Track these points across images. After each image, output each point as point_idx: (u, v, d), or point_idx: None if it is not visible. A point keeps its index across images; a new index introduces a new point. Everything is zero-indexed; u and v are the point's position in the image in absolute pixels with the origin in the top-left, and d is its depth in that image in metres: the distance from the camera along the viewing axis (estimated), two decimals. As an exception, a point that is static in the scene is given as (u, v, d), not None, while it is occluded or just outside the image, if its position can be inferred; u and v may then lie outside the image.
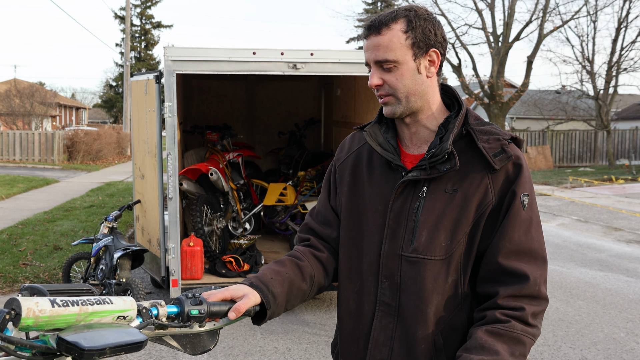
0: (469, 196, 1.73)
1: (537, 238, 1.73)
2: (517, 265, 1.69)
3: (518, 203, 1.71)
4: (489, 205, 1.73)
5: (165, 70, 5.81)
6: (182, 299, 1.70)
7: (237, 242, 7.48)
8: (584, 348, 5.63)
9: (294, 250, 1.99)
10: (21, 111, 32.75)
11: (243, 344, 5.57)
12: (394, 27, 1.73)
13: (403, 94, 1.77)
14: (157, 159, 6.32)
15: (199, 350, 1.80)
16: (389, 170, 1.86)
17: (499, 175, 1.73)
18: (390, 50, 1.73)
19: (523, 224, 1.71)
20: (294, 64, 5.93)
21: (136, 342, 1.43)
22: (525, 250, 1.71)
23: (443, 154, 1.72)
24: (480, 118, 1.84)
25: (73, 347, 1.35)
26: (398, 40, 1.73)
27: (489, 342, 1.61)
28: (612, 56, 25.84)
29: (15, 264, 8.21)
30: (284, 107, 10.13)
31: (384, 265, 1.80)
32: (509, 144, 1.75)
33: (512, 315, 1.65)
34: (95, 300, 1.51)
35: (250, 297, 1.72)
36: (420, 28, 1.74)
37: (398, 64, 1.74)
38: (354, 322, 1.90)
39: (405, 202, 1.79)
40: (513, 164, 1.74)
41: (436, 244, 1.74)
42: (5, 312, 1.35)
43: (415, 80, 1.76)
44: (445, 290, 1.75)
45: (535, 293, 1.68)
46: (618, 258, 9.36)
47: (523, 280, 1.68)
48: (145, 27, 54.69)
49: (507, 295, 1.67)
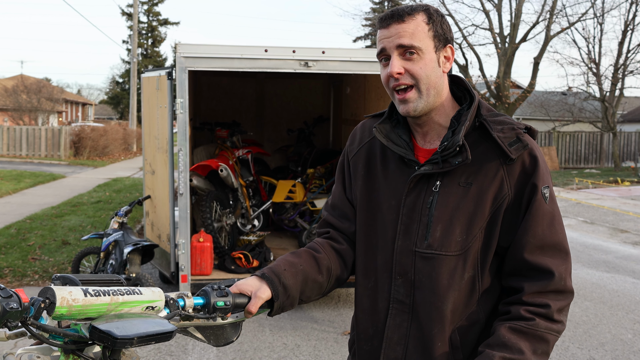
0: (484, 189, 1.70)
1: (560, 231, 1.71)
2: (542, 260, 1.67)
3: (540, 197, 1.68)
4: (505, 198, 1.69)
5: (177, 67, 5.83)
6: (208, 291, 1.72)
7: (246, 238, 7.50)
8: (592, 348, 5.64)
9: (312, 242, 1.95)
10: (28, 107, 32.89)
11: (252, 340, 5.60)
12: (417, 17, 1.71)
13: (425, 85, 1.71)
14: (168, 154, 6.35)
15: (222, 342, 1.82)
16: (403, 164, 1.82)
17: (514, 167, 1.69)
18: (416, 38, 1.69)
19: (546, 217, 1.69)
20: (305, 61, 5.94)
21: (166, 331, 1.45)
22: (549, 244, 1.68)
23: (455, 147, 1.69)
24: (492, 109, 1.80)
25: (106, 336, 1.37)
26: (422, 29, 1.70)
27: (512, 340, 1.60)
28: (618, 58, 25.78)
29: (24, 259, 8.25)
30: (293, 104, 10.15)
31: (398, 262, 1.78)
32: (524, 133, 1.72)
33: (537, 313, 1.64)
34: (126, 291, 1.53)
35: (260, 296, 1.71)
36: (439, 22, 1.74)
37: (422, 52, 1.70)
38: (368, 319, 1.86)
39: (419, 197, 1.76)
40: (529, 155, 1.70)
41: (451, 239, 1.71)
42: (40, 300, 1.37)
43: (436, 72, 1.73)
44: (461, 287, 1.71)
45: (561, 288, 1.67)
46: (624, 260, 9.36)
47: (549, 276, 1.66)
48: (152, 24, 54.77)
49: (533, 292, 1.66)
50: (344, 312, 6.54)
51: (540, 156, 1.71)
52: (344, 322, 6.19)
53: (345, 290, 7.26)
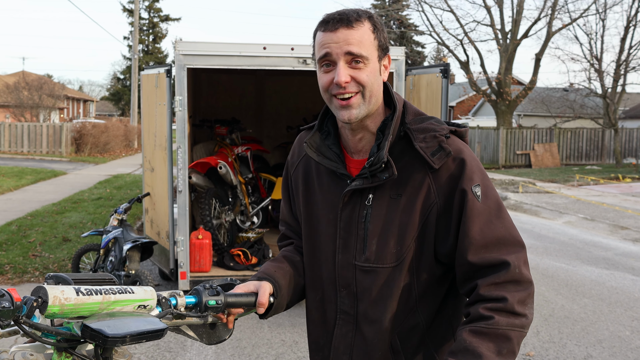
0: (413, 199, 1.71)
1: (502, 225, 1.67)
2: (489, 256, 1.64)
3: (471, 198, 1.66)
4: (433, 205, 1.69)
5: (176, 64, 5.85)
6: (200, 290, 1.74)
7: (245, 235, 7.52)
8: (589, 345, 5.66)
9: (283, 251, 2.02)
10: (29, 103, 32.92)
11: (251, 337, 5.63)
12: (365, 25, 1.69)
13: (369, 92, 1.70)
14: (167, 152, 6.37)
15: (215, 340, 1.84)
16: (336, 178, 1.83)
17: (440, 174, 1.69)
18: (364, 46, 1.68)
19: (481, 216, 1.66)
20: (304, 59, 5.95)
21: (157, 330, 1.47)
22: (492, 241, 1.65)
23: (380, 163, 1.70)
24: (420, 113, 1.79)
25: (97, 335, 1.40)
26: (369, 37, 1.69)
27: (474, 344, 1.56)
28: (620, 55, 25.76)
29: (25, 255, 8.28)
30: (293, 101, 10.15)
31: (340, 275, 1.81)
32: (447, 138, 1.70)
33: (496, 308, 1.59)
34: (118, 290, 1.55)
35: (265, 288, 1.77)
36: (382, 32, 1.74)
37: (368, 61, 1.69)
38: (318, 330, 1.92)
39: (354, 211, 1.78)
40: (454, 160, 1.69)
41: (387, 251, 1.73)
42: (32, 299, 1.40)
43: (378, 81, 1.73)
44: (398, 295, 1.75)
45: (517, 277, 1.62)
46: (624, 256, 9.37)
47: (500, 267, 1.62)
48: (153, 20, 54.79)
49: (488, 284, 1.62)
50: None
51: (467, 157, 1.70)
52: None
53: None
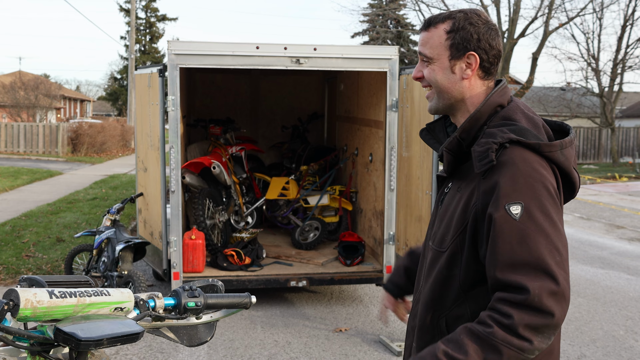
0: (464, 197, 1.80)
1: (535, 249, 1.63)
2: (513, 277, 1.63)
3: (503, 214, 1.65)
4: (473, 208, 1.75)
5: (168, 64, 5.83)
6: (179, 292, 1.72)
7: (239, 235, 7.50)
8: (583, 345, 5.65)
9: None
10: (26, 103, 32.82)
11: (243, 337, 5.60)
12: (440, 27, 1.86)
13: (437, 88, 1.89)
14: (160, 152, 6.35)
15: (196, 342, 1.82)
16: None
17: (486, 181, 1.71)
18: (429, 47, 1.87)
19: (514, 235, 1.64)
20: (297, 58, 5.93)
21: (132, 333, 1.45)
22: (520, 262, 1.63)
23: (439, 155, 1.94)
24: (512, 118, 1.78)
25: (70, 338, 1.37)
26: (439, 39, 1.86)
27: (464, 340, 1.62)
28: (617, 54, 25.76)
29: (18, 256, 8.25)
30: (287, 101, 10.13)
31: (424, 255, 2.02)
32: (500, 147, 1.70)
33: (499, 322, 1.61)
34: (93, 292, 1.53)
35: None
36: (462, 32, 1.83)
37: (432, 60, 1.87)
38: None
39: (439, 196, 1.99)
40: (498, 171, 1.69)
41: (443, 238, 1.86)
42: (4, 302, 1.37)
43: (448, 78, 1.86)
44: (444, 281, 1.84)
45: (534, 305, 1.59)
46: (619, 256, 9.36)
47: (521, 291, 1.61)
48: (150, 20, 54.70)
49: (503, 299, 1.63)
50: (336, 308, 6.54)
51: (512, 171, 1.68)
52: (335, 319, 6.19)
53: (338, 288, 7.27)
